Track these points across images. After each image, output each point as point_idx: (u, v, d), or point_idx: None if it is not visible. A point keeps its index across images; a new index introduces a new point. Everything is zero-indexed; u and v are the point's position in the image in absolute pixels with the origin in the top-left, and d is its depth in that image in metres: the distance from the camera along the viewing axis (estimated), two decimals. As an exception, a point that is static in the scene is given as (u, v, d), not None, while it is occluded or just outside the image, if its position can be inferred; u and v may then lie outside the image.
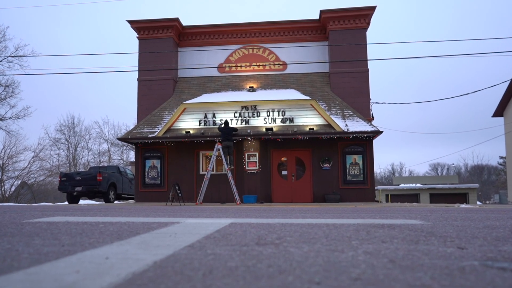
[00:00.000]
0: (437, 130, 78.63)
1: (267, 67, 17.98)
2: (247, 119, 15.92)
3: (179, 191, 13.34)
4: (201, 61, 18.09)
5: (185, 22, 18.39)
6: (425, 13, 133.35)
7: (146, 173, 16.65)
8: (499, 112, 28.42)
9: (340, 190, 15.74)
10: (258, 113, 15.91)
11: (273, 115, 15.83)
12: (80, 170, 37.72)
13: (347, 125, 15.36)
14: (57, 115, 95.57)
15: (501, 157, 43.99)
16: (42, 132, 67.19)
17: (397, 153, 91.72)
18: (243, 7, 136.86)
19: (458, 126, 76.13)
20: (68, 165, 40.47)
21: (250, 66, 18.01)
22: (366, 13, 17.00)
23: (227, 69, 18.09)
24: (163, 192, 16.25)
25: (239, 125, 15.79)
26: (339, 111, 16.18)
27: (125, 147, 40.14)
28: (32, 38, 79.11)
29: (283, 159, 16.37)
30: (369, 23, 17.26)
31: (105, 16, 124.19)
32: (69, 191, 16.22)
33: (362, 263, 1.55)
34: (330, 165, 15.92)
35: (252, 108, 15.94)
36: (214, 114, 16.06)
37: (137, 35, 18.19)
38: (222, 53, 18.18)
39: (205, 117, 16.08)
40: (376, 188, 28.08)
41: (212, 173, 14.63)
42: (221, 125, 14.55)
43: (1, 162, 32.20)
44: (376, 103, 18.80)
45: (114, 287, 1.14)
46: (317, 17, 17.62)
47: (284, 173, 16.30)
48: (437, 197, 32.04)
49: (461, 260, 1.64)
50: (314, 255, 1.73)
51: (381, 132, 15.00)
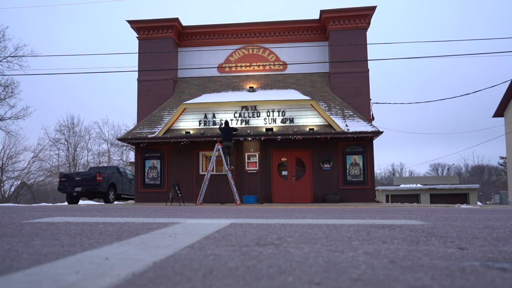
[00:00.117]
0: (437, 130, 78.69)
1: (267, 67, 17.98)
2: (247, 119, 15.92)
3: (179, 192, 13.34)
4: (201, 61, 18.09)
5: (185, 22, 18.42)
6: (426, 13, 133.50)
7: (146, 174, 16.65)
8: (500, 112, 28.43)
9: (340, 190, 15.74)
10: (258, 113, 15.92)
11: (273, 115, 15.83)
12: (79, 170, 37.74)
13: (347, 125, 15.36)
14: (57, 115, 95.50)
15: (502, 158, 43.99)
16: (41, 132, 67.21)
17: (398, 154, 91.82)
18: (243, 7, 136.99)
19: (458, 126, 76.24)
20: (67, 165, 40.47)
21: (250, 66, 18.01)
22: (366, 13, 17.01)
23: (227, 69, 18.09)
24: (163, 192, 16.25)
25: (239, 125, 15.79)
26: (339, 111, 16.18)
27: (125, 148, 40.18)
28: (31, 38, 79.41)
29: (283, 159, 16.37)
30: (369, 23, 17.27)
31: (105, 16, 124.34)
32: (68, 191, 16.22)
33: (362, 263, 1.55)
34: (330, 166, 15.92)
35: (252, 108, 15.95)
36: (214, 114, 16.07)
37: (137, 35, 18.20)
38: (222, 53, 18.18)
39: (205, 117, 16.09)
40: (376, 188, 28.06)
41: (212, 173, 14.63)
42: (221, 125, 14.55)
43: (1, 162, 32.20)
44: (376, 103, 18.81)
45: (113, 288, 1.14)
46: (317, 17, 17.64)
47: (284, 173, 16.30)
48: (438, 197, 32.03)
49: (462, 260, 1.63)
50: (314, 256, 1.73)
51: (382, 132, 15.01)
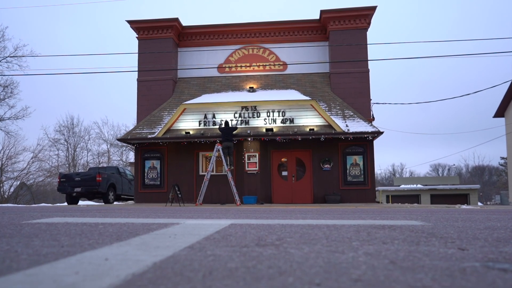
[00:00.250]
0: (438, 130, 78.57)
1: (267, 68, 17.98)
2: (247, 120, 15.92)
3: (178, 192, 13.33)
4: (201, 61, 18.09)
5: (185, 22, 18.41)
6: (426, 13, 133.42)
7: (145, 174, 16.65)
8: (500, 112, 28.41)
9: (340, 190, 15.74)
10: (258, 114, 15.91)
11: (273, 116, 15.83)
12: (79, 171, 37.72)
13: (347, 126, 15.35)
14: (56, 116, 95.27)
15: (502, 158, 44.00)
16: (41, 132, 66.98)
17: (398, 154, 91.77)
18: (243, 7, 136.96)
19: (459, 126, 76.19)
20: (67, 165, 40.48)
21: (250, 66, 18.00)
22: (366, 13, 17.01)
23: (227, 69, 18.08)
24: (163, 193, 16.25)
25: (239, 126, 15.78)
26: (339, 112, 16.17)
27: (124, 148, 40.19)
28: (31, 38, 79.27)
29: (283, 159, 16.36)
30: (369, 23, 17.27)
31: (104, 16, 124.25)
32: (68, 192, 16.19)
33: (362, 264, 1.55)
34: (330, 166, 15.91)
35: (252, 108, 15.94)
36: (214, 114, 16.06)
37: (137, 35, 18.19)
38: (222, 53, 18.18)
39: (205, 117, 16.08)
40: (376, 189, 28.01)
41: (212, 173, 14.62)
42: (221, 126, 14.54)
43: (0, 163, 32.19)
44: (376, 103, 18.77)
45: (113, 289, 1.13)
46: (317, 17, 17.63)
47: (284, 173, 16.29)
48: (438, 198, 32.00)
49: (462, 261, 1.63)
50: (314, 256, 1.73)
51: (382, 132, 15.00)
